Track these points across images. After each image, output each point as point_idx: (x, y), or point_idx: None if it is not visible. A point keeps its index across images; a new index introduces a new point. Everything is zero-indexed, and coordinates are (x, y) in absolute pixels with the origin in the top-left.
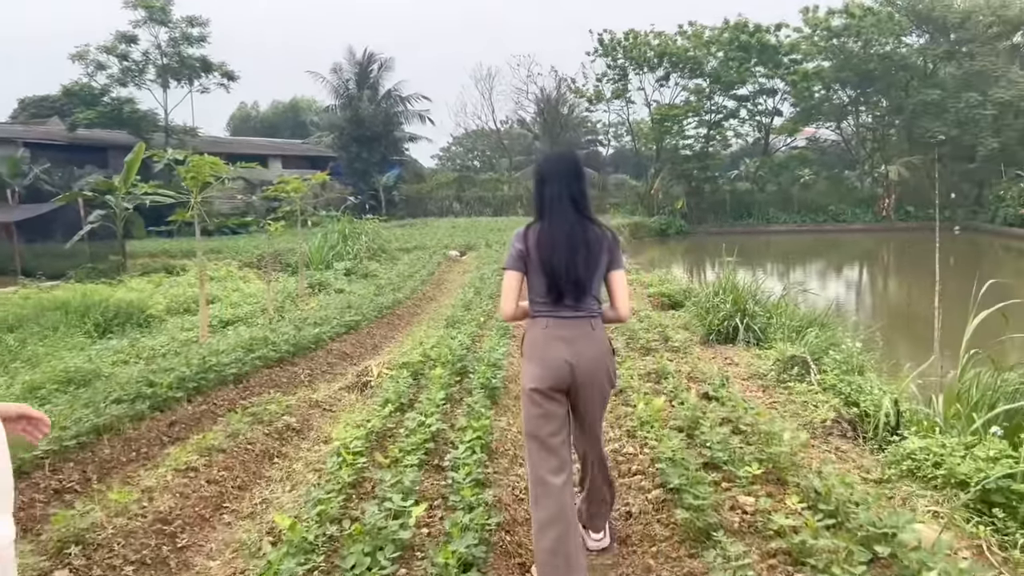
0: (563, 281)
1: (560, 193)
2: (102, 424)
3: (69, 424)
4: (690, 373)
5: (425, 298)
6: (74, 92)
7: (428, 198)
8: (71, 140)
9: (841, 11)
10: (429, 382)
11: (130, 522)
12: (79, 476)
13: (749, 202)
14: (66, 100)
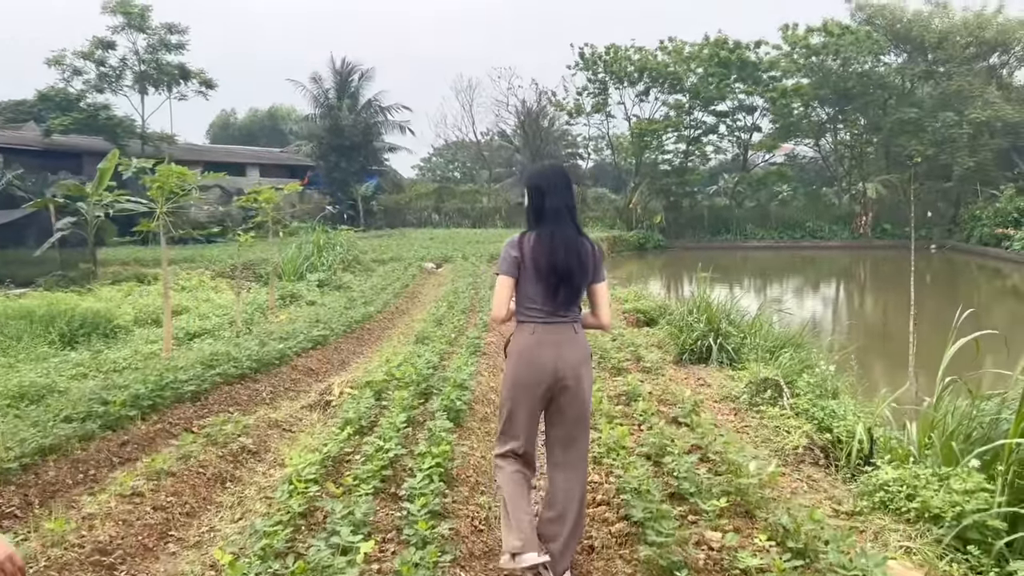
0: (561, 287)
1: (558, 205)
2: (48, 445)
3: (13, 445)
4: (661, 396)
5: (398, 312)
6: (50, 97)
7: (407, 209)
8: (46, 146)
9: (820, 29)
10: (391, 403)
11: (66, 553)
12: (20, 500)
13: (727, 217)
14: (42, 105)
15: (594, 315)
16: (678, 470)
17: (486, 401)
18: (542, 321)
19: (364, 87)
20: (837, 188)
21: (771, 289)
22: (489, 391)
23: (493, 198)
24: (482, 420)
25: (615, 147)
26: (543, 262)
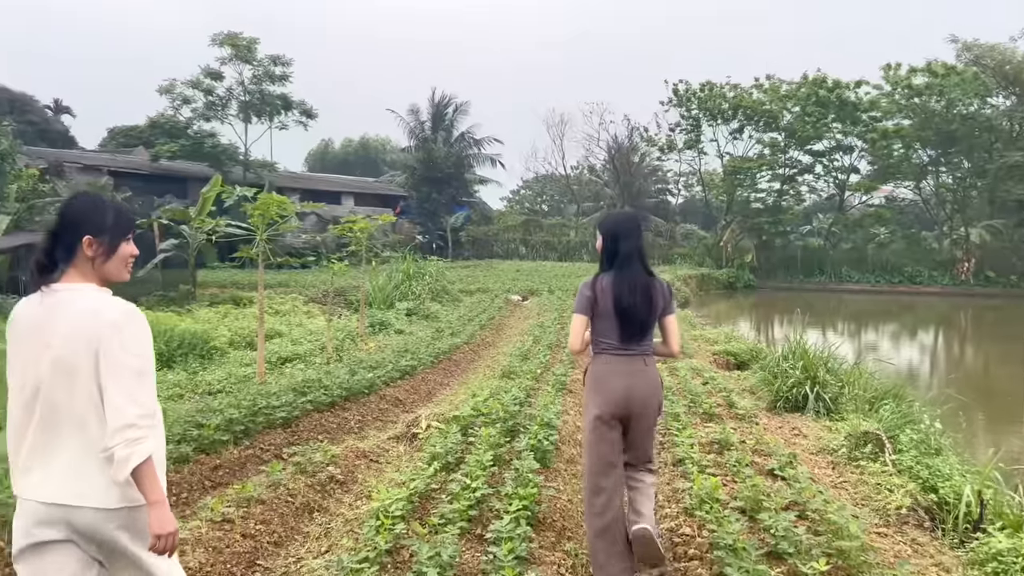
0: (633, 324)
1: (630, 250)
2: None
3: None
4: (755, 446)
5: (484, 344)
6: (159, 124)
7: (494, 240)
8: (153, 170)
9: (923, 69)
10: (478, 440)
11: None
12: None
13: (821, 259)
14: (151, 132)
15: (665, 344)
16: (775, 528)
17: (572, 442)
18: (614, 353)
19: (458, 120)
20: (938, 232)
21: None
22: (575, 431)
23: (580, 232)
24: (568, 462)
25: (706, 184)
26: (615, 302)
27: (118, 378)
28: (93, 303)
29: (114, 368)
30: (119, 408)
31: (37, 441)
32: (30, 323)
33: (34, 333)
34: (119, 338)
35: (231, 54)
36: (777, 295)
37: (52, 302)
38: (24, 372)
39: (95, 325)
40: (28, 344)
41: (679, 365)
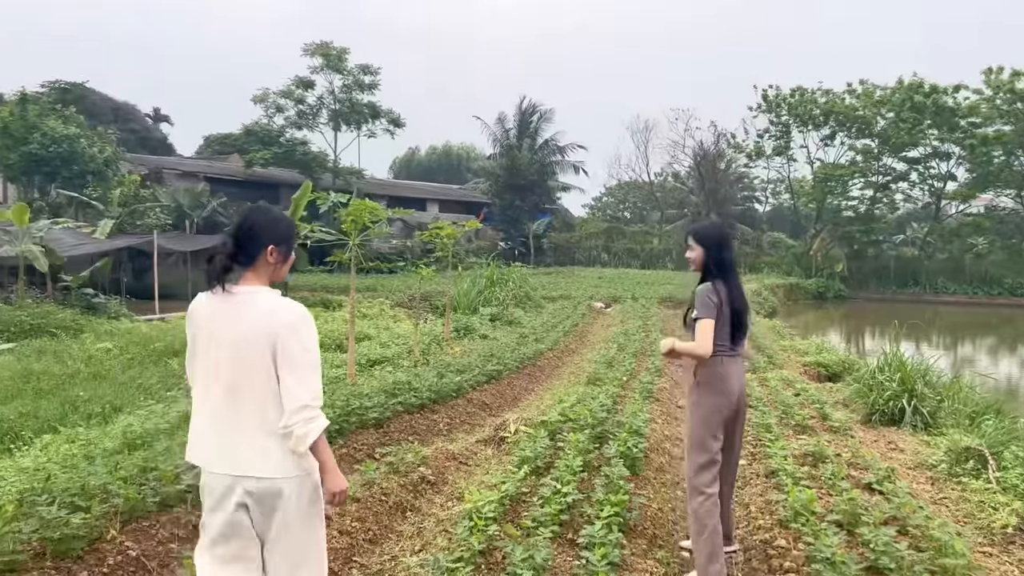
0: (743, 328)
1: (733, 258)
2: None
3: None
4: (850, 459)
5: (567, 350)
6: (253, 132)
7: (576, 247)
8: (247, 176)
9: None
10: (567, 445)
11: None
12: None
13: (916, 269)
14: (246, 139)
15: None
16: (875, 542)
17: (661, 450)
18: (727, 355)
19: (543, 127)
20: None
21: (963, 347)
22: (664, 440)
23: (664, 240)
24: (658, 470)
25: (795, 191)
26: (731, 308)
27: (294, 368)
28: (271, 304)
29: (290, 360)
30: (295, 393)
31: (222, 423)
32: (214, 318)
33: (219, 327)
34: (295, 335)
35: (322, 64)
36: (869, 306)
37: (235, 301)
38: (208, 361)
39: (274, 323)
40: (213, 337)
41: (769, 376)
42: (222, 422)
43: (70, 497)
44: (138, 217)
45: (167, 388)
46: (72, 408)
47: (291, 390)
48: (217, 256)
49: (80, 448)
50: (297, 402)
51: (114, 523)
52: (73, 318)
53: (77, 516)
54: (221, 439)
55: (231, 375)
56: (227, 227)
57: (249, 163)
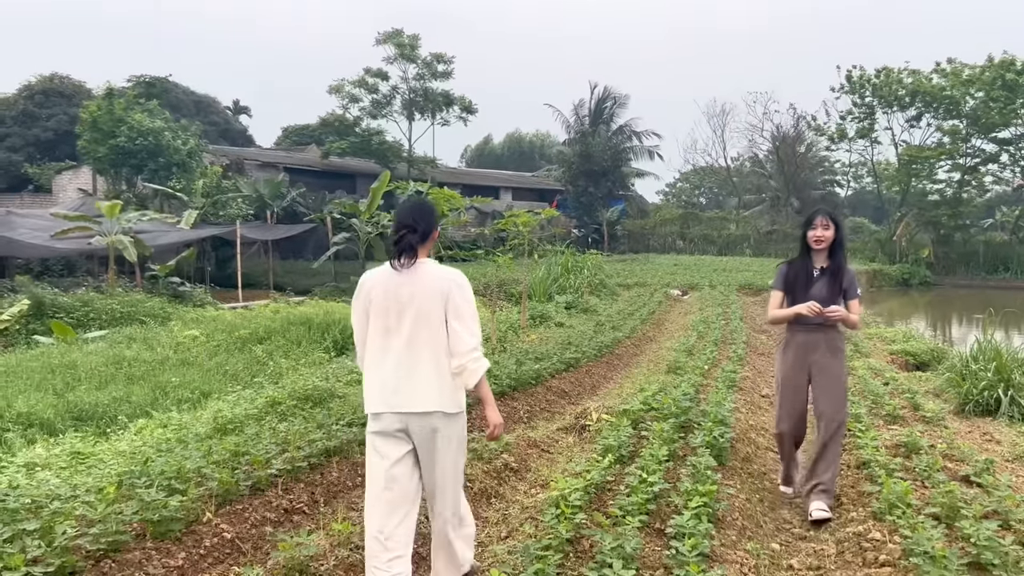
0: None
1: None
2: (332, 447)
3: (303, 445)
4: (945, 451)
5: (645, 338)
6: (329, 123)
7: (651, 234)
8: (324, 167)
9: None
10: (651, 434)
11: (351, 555)
12: (307, 498)
13: (1006, 254)
14: (322, 130)
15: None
16: (977, 537)
17: (747, 440)
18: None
19: (617, 113)
20: None
21: None
22: (749, 429)
23: (742, 225)
24: (744, 460)
25: (878, 175)
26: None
27: (462, 318)
28: (439, 270)
29: (458, 312)
30: (464, 338)
31: (403, 369)
32: (395, 286)
33: (402, 292)
34: (461, 293)
35: (395, 53)
36: (956, 292)
37: (412, 271)
38: (388, 321)
39: (446, 285)
40: (396, 301)
41: (857, 364)
42: (403, 369)
43: (167, 480)
44: (220, 207)
45: (252, 375)
46: (163, 393)
47: (461, 336)
48: (406, 239)
49: (173, 432)
50: (467, 345)
51: (209, 506)
52: (161, 306)
53: (175, 499)
54: (402, 383)
55: (412, 329)
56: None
57: (326, 154)
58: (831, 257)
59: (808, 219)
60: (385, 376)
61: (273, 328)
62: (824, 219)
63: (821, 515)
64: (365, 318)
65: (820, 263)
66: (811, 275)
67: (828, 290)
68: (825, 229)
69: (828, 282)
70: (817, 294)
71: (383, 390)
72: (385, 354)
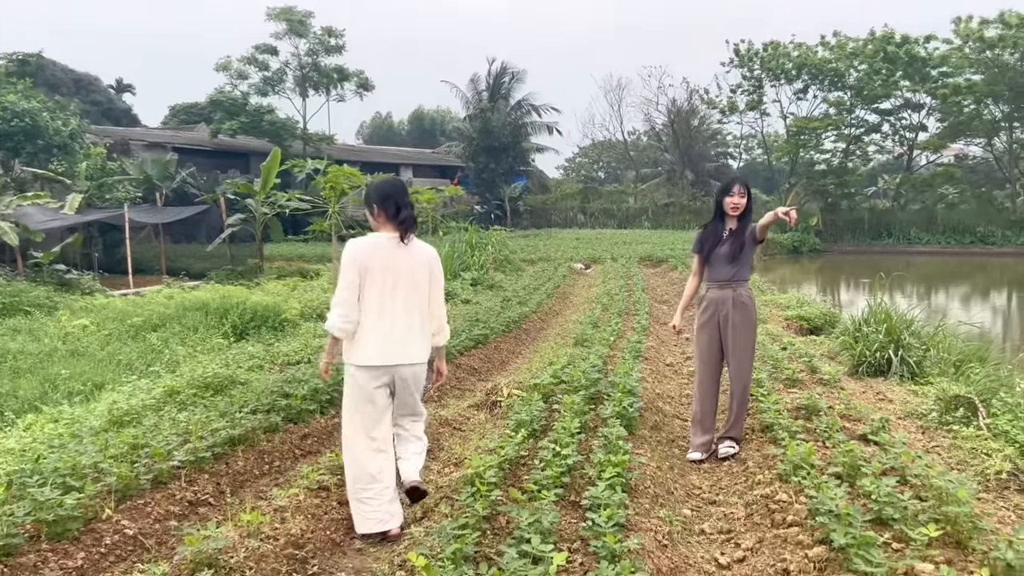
0: None
1: None
2: (237, 435)
3: (206, 435)
4: (843, 411)
5: (551, 312)
6: (218, 101)
7: (552, 209)
8: (216, 146)
9: (996, 21)
10: (562, 407)
11: (262, 545)
12: (213, 489)
13: (889, 221)
14: (211, 109)
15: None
16: (877, 493)
17: (655, 409)
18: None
19: (515, 88)
20: (1011, 191)
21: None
22: (656, 398)
23: (640, 199)
24: (653, 428)
25: (768, 146)
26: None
27: (439, 288)
28: (426, 247)
29: (438, 283)
30: (440, 305)
31: (400, 327)
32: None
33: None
34: (439, 267)
35: (285, 29)
36: (844, 259)
37: (408, 245)
38: (386, 286)
39: (430, 259)
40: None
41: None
42: (400, 328)
43: (61, 478)
44: (107, 190)
45: (148, 364)
46: (52, 387)
47: (439, 302)
48: (409, 215)
49: (65, 427)
50: (441, 311)
51: (108, 502)
52: (47, 295)
53: (71, 496)
54: (399, 340)
55: (406, 295)
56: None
57: (215, 132)
58: (740, 221)
59: (726, 186)
60: (383, 334)
61: (168, 315)
62: (741, 187)
63: (728, 451)
64: (358, 281)
65: (730, 226)
66: (720, 236)
67: (732, 248)
68: (741, 197)
69: (733, 241)
70: (726, 252)
71: (382, 346)
72: (382, 315)
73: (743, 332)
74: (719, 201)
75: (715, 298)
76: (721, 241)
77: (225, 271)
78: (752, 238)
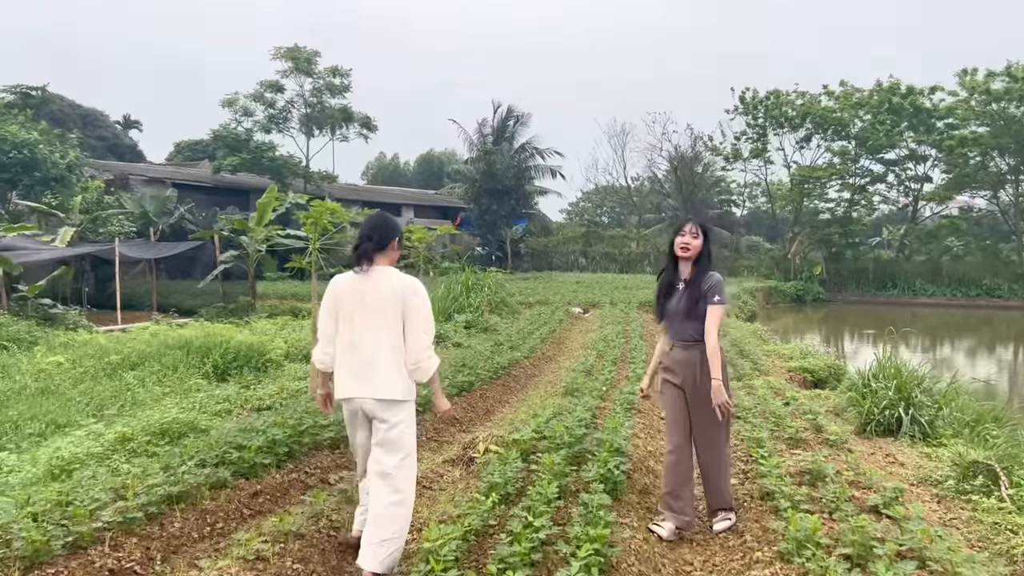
0: None
1: None
2: (177, 493)
3: (141, 491)
4: (852, 478)
5: (544, 358)
6: (221, 136)
7: (554, 252)
8: (216, 182)
9: (1002, 73)
10: (541, 467)
11: None
12: (141, 555)
13: (894, 271)
14: (215, 144)
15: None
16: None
17: (645, 469)
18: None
19: (519, 131)
20: (1016, 244)
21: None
22: (647, 456)
23: (642, 243)
24: (642, 493)
25: (772, 194)
26: None
27: (416, 320)
28: (399, 277)
29: (413, 314)
30: (419, 338)
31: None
32: (360, 289)
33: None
34: (416, 298)
35: (291, 67)
36: (848, 308)
37: (374, 276)
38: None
39: (401, 290)
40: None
41: (757, 383)
42: (363, 360)
43: None
44: (100, 224)
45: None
46: (14, 427)
47: (415, 336)
48: (363, 247)
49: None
50: (421, 344)
51: (12, 572)
52: (28, 330)
53: None
54: (362, 373)
55: (372, 326)
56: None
57: (217, 169)
58: (695, 267)
59: (677, 226)
60: (348, 367)
61: (148, 353)
62: (693, 227)
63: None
64: (333, 317)
65: (685, 274)
66: (673, 286)
67: (687, 302)
68: (694, 237)
69: (688, 294)
70: (675, 306)
71: (345, 379)
72: (350, 347)
73: (708, 404)
74: (671, 243)
75: (679, 359)
76: (673, 292)
77: (216, 308)
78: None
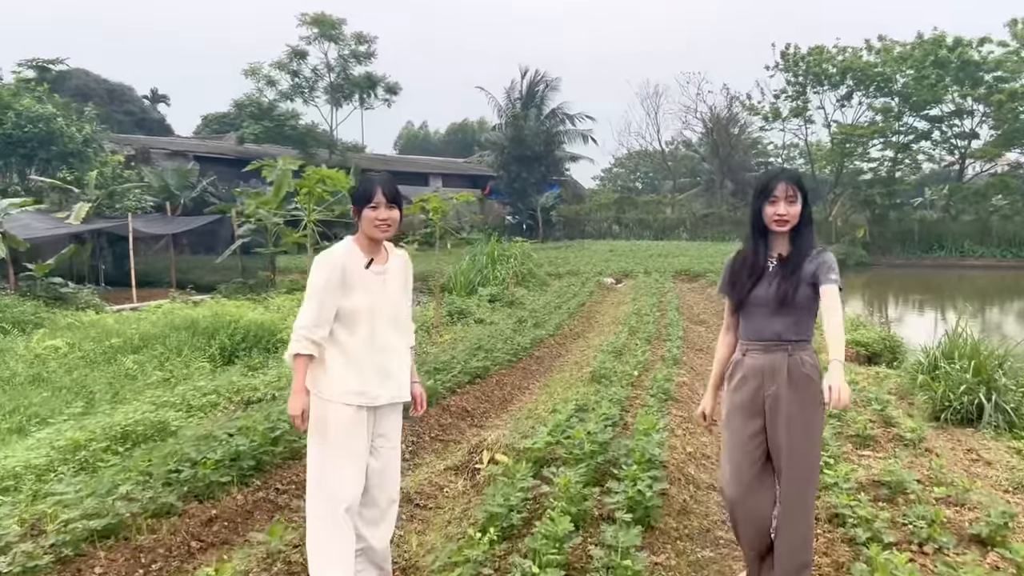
0: None
1: None
2: (105, 527)
3: (54, 529)
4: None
5: (572, 335)
6: (244, 106)
7: (586, 219)
8: (239, 154)
9: None
10: (555, 488)
11: None
12: None
13: (940, 232)
14: (237, 115)
15: None
16: None
17: (683, 480)
18: None
19: (549, 96)
20: None
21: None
22: (686, 460)
23: (677, 209)
24: (680, 514)
25: (812, 155)
26: None
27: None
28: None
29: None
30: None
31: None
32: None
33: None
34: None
35: (316, 33)
36: (893, 272)
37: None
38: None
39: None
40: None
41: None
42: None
43: None
44: (118, 199)
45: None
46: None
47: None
48: None
49: None
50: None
51: None
52: (35, 310)
53: None
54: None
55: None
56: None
57: (241, 139)
58: (794, 242)
59: (764, 188)
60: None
61: (152, 335)
62: (789, 187)
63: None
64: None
65: (779, 249)
66: (762, 268)
67: (784, 288)
68: (790, 203)
69: (786, 277)
70: (764, 294)
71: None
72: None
73: (802, 425)
74: (757, 211)
75: (757, 367)
76: (761, 275)
77: (235, 284)
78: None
